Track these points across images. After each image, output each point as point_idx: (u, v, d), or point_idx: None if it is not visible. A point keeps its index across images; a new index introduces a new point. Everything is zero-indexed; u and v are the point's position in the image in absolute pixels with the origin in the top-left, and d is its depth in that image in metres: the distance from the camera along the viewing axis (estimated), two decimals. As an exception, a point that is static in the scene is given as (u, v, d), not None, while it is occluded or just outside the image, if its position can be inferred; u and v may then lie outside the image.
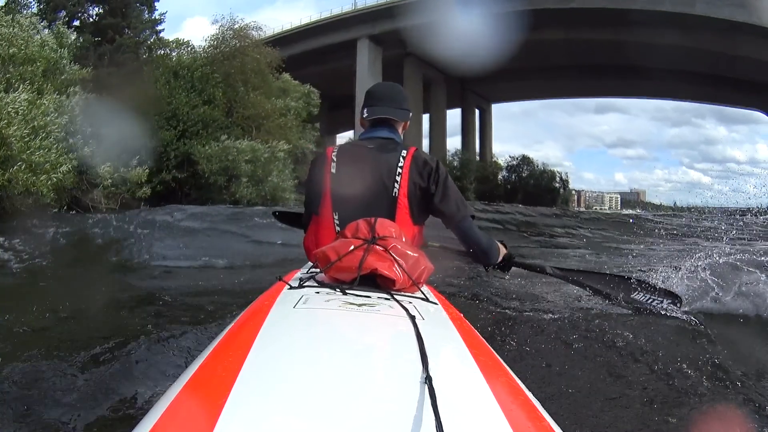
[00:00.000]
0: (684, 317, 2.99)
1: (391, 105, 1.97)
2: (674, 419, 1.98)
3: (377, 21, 46.21)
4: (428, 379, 0.74)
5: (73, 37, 17.93)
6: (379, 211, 1.68)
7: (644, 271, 3.90)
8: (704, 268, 3.53)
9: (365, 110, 1.97)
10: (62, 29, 16.94)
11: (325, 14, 48.62)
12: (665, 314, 2.97)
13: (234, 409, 0.68)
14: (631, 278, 3.11)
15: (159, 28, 25.85)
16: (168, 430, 0.69)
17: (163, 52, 24.16)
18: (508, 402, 0.81)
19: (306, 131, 25.70)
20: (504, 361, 1.08)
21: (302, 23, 49.37)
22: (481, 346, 1.13)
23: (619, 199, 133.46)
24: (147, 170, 16.89)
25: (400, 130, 2.01)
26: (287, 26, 49.15)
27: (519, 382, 0.96)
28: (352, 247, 1.48)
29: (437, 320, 1.27)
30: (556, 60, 48.14)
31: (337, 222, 1.76)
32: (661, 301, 2.98)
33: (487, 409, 0.77)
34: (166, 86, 20.75)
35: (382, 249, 1.48)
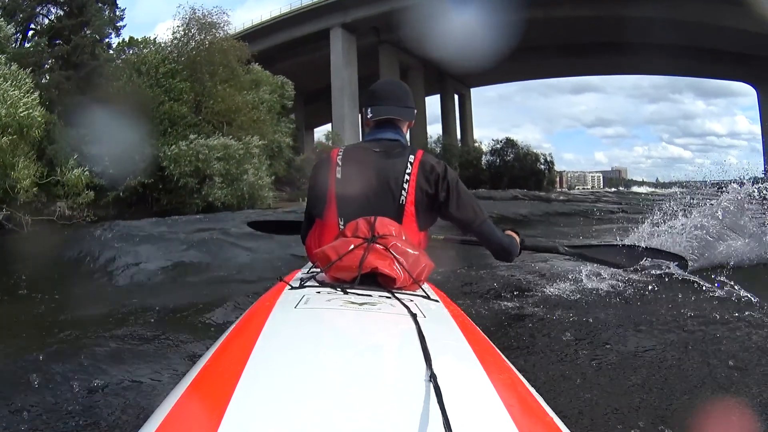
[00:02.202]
0: (691, 279, 3.10)
1: (396, 104, 1.93)
2: (685, 412, 1.91)
3: (350, 8, 45.43)
4: (432, 377, 0.74)
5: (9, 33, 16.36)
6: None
7: (649, 237, 4.04)
8: (701, 228, 3.81)
9: (369, 110, 1.93)
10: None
11: (296, 5, 47.74)
12: (672, 278, 3.09)
13: (238, 410, 0.69)
14: (638, 246, 3.21)
15: (120, 24, 24.46)
16: (172, 431, 0.70)
17: (131, 51, 22.82)
18: (511, 399, 0.80)
19: (281, 124, 24.62)
20: (506, 356, 1.08)
21: (273, 16, 48.57)
22: (483, 343, 1.14)
23: (601, 178, 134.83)
24: (87, 172, 15.23)
25: (405, 129, 1.98)
26: (258, 21, 48.42)
27: (522, 378, 0.96)
28: (352, 246, 1.46)
29: (439, 318, 1.27)
30: (536, 40, 47.28)
31: (342, 227, 1.71)
32: (668, 264, 3.10)
33: (490, 405, 0.77)
34: (129, 84, 19.44)
35: (382, 247, 1.46)
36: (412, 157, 1.80)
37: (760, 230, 3.93)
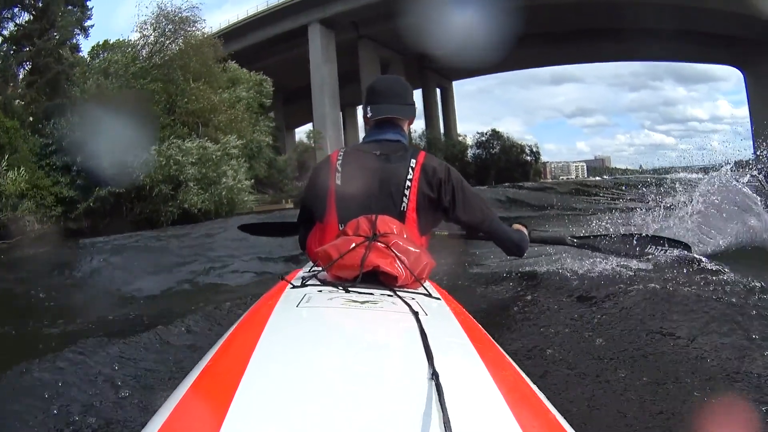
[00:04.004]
0: (695, 267, 3.08)
1: (396, 102, 1.91)
2: (691, 408, 1.80)
3: (328, 3, 44.65)
4: (434, 375, 0.75)
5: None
6: None
7: (651, 225, 3.97)
8: (702, 213, 3.82)
9: (369, 109, 1.91)
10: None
11: (273, 2, 46.88)
12: (678, 266, 3.05)
13: (240, 408, 0.69)
14: (642, 234, 3.21)
15: (87, 24, 23.30)
16: (176, 431, 0.70)
17: (105, 54, 21.72)
18: (513, 396, 0.81)
19: (260, 123, 23.67)
20: (508, 353, 1.08)
21: (249, 14, 47.59)
22: (484, 340, 1.14)
23: (584, 167, 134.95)
24: (24, 173, 14.12)
25: (405, 128, 1.96)
26: (234, 20, 47.50)
27: (524, 375, 0.96)
28: (353, 245, 1.45)
29: (440, 315, 1.27)
30: (520, 29, 46.30)
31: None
32: (673, 251, 3.13)
33: (492, 403, 0.77)
34: (94, 88, 18.42)
35: (383, 246, 1.46)
36: (413, 161, 1.78)
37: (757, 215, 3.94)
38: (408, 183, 1.75)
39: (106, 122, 16.64)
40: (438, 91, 62.78)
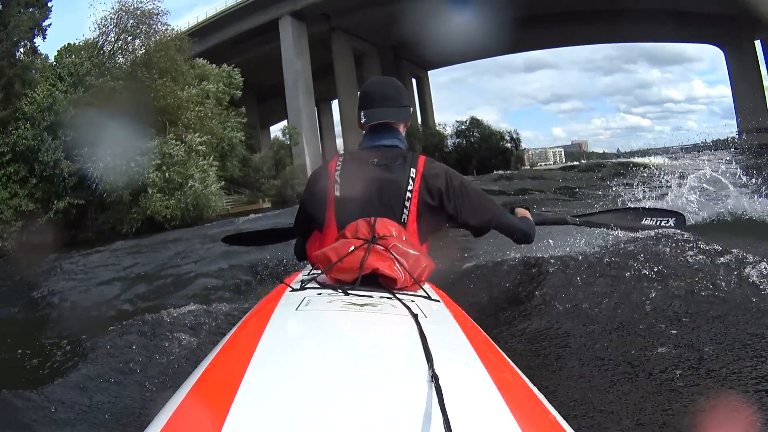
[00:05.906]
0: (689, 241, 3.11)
1: (390, 105, 1.87)
2: (694, 405, 1.77)
3: (299, -6, 43.95)
4: (434, 378, 0.75)
5: None
6: None
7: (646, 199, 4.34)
8: (694, 187, 4.31)
9: (362, 114, 1.88)
10: None
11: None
12: (674, 237, 3.12)
13: (241, 411, 0.70)
14: (637, 208, 3.37)
15: (45, 24, 22.06)
16: None
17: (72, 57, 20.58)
18: (513, 397, 0.81)
19: (230, 119, 22.66)
20: (508, 355, 1.08)
21: (218, 11, 46.54)
22: (484, 342, 1.14)
23: (562, 152, 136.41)
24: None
25: (402, 130, 1.94)
26: (203, 18, 46.57)
27: (524, 376, 0.96)
28: (352, 248, 1.46)
29: (440, 318, 1.27)
30: (492, 15, 46.17)
31: None
32: (668, 221, 3.15)
33: (492, 404, 0.77)
34: (45, 92, 17.33)
35: (382, 248, 1.46)
36: (413, 170, 1.75)
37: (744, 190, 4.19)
38: (408, 194, 1.72)
39: (61, 128, 15.65)
40: (414, 81, 62.38)
